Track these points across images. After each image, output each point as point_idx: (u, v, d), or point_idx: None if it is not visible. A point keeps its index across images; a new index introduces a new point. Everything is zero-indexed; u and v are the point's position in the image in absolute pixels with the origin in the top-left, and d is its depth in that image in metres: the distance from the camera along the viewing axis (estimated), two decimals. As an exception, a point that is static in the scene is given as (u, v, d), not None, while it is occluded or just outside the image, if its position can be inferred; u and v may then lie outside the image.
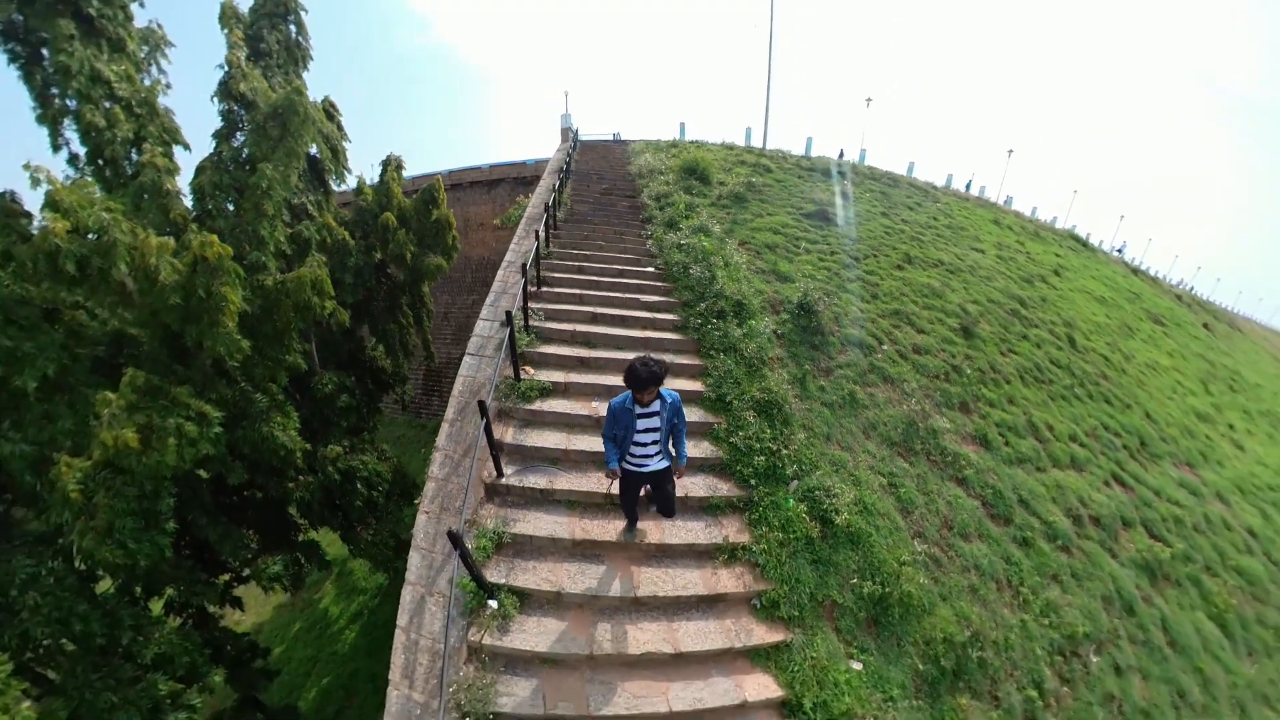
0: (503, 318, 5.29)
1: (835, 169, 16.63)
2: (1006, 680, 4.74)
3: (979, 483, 6.30)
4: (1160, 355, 14.24)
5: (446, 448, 5.11)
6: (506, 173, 25.87)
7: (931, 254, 12.19)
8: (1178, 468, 9.20)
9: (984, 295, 11.04)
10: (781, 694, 3.98)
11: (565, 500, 4.91)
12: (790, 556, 4.62)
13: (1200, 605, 6.85)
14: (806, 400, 6.26)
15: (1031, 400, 8.32)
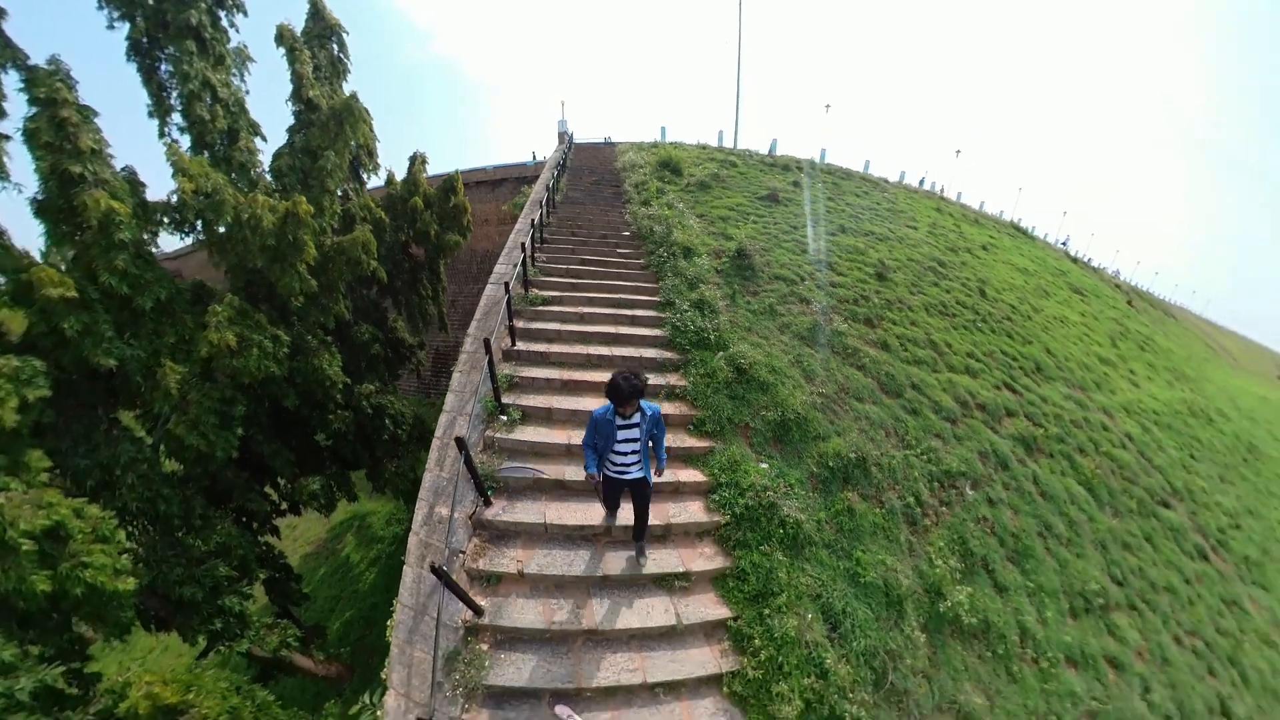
0: (517, 260, 7.21)
1: (794, 165, 18.18)
2: (889, 490, 6.04)
3: (875, 369, 7.65)
4: (1071, 314, 15.53)
5: (475, 333, 6.83)
6: (509, 173, 26.51)
7: (865, 227, 13.68)
8: (1070, 388, 10.46)
9: (905, 256, 12.43)
10: (707, 480, 5.41)
11: (557, 362, 6.65)
12: (714, 392, 6.11)
13: (1070, 474, 8.12)
14: (734, 308, 7.85)
15: (934, 325, 9.69)
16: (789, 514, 5.05)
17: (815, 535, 5.14)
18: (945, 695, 4.79)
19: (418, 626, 4.02)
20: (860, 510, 5.55)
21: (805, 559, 4.98)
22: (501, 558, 4.58)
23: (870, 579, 5.03)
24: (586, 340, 7.03)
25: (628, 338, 7.16)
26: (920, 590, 5.25)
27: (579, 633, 4.23)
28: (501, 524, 4.81)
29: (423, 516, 4.79)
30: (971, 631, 5.29)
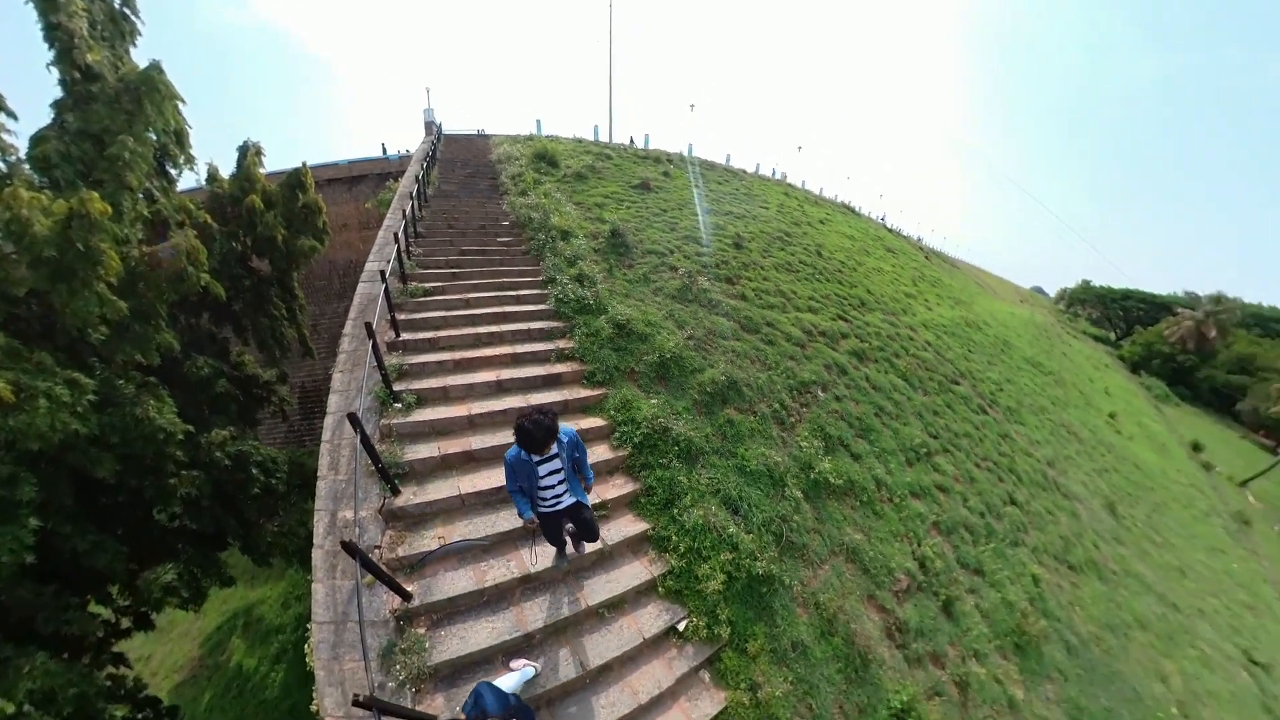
0: (390, 255, 6.90)
1: (664, 158, 19.51)
2: (760, 403, 7.07)
3: (736, 315, 8.80)
4: (885, 266, 19.09)
5: (352, 330, 6.42)
6: (368, 169, 23.42)
7: (725, 208, 15.53)
8: (885, 315, 12.99)
9: (758, 229, 14.37)
10: (606, 423, 5.86)
11: (447, 346, 6.60)
12: (599, 348, 6.61)
13: (892, 371, 10.21)
14: (611, 279, 8.46)
15: (782, 279, 11.39)
16: (680, 433, 5.76)
17: (705, 445, 5.93)
18: (834, 540, 5.99)
19: (341, 638, 3.77)
20: (738, 420, 6.49)
21: (701, 466, 5.72)
22: (421, 540, 4.53)
23: (755, 468, 5.97)
24: (474, 322, 7.08)
25: (515, 315, 7.35)
26: (796, 468, 6.35)
27: (515, 583, 4.41)
28: (415, 508, 4.76)
29: (325, 527, 4.50)
30: (841, 490, 6.59)
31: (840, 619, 5.17)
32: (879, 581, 5.95)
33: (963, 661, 5.96)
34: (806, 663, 4.85)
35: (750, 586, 4.95)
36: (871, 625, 5.47)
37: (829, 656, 4.98)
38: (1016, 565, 7.71)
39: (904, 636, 5.67)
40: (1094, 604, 8.31)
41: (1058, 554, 8.82)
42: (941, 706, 5.43)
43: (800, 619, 5.08)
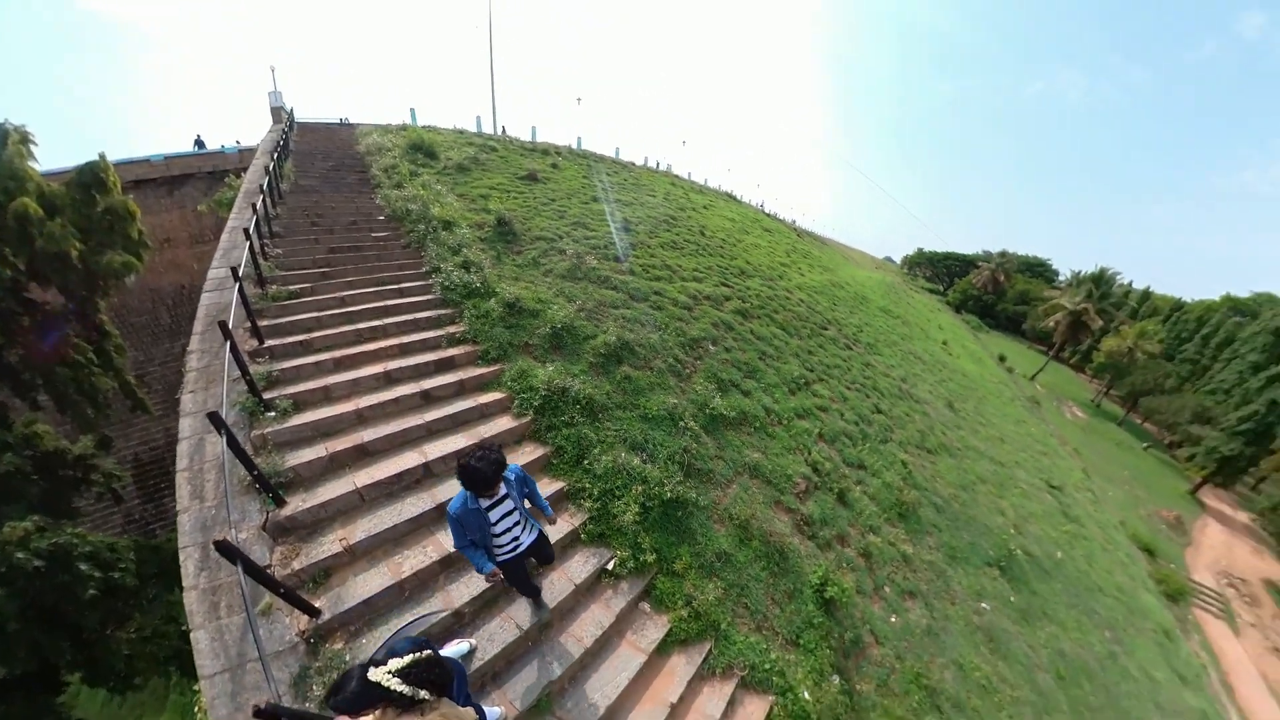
0: (240, 259, 5.88)
1: (553, 150, 19.04)
2: (655, 359, 7.27)
3: (625, 288, 8.98)
4: (762, 242, 20.74)
5: (199, 345, 5.46)
6: (195, 165, 17.82)
7: (614, 196, 15.61)
8: (764, 281, 14.08)
9: (645, 214, 14.82)
10: (505, 395, 5.64)
11: (323, 347, 5.83)
12: (490, 327, 6.38)
13: (772, 324, 11.07)
14: (500, 265, 8.17)
15: (668, 255, 11.85)
16: (580, 391, 5.76)
17: (607, 401, 6.00)
18: (736, 462, 6.38)
19: (240, 683, 3.11)
20: (636, 376, 6.64)
21: (605, 419, 5.78)
22: (319, 547, 4.00)
23: (656, 413, 6.17)
24: (353, 319, 6.38)
25: (398, 307, 6.76)
26: (694, 409, 6.67)
27: (435, 567, 4.09)
28: (307, 515, 4.20)
29: (196, 564, 3.74)
30: (735, 421, 7.05)
31: (754, 525, 5.52)
32: (781, 489, 6.45)
33: (862, 536, 6.74)
34: (733, 568, 5.11)
35: (666, 513, 5.10)
36: (782, 525, 5.92)
37: (751, 558, 5.30)
38: (889, 456, 8.88)
39: (811, 528, 6.24)
40: (948, 473, 9.95)
41: (917, 443, 10.32)
42: (854, 575, 6.11)
43: (719, 533, 5.34)
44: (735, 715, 4.39)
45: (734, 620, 4.81)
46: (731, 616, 4.80)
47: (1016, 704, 6.39)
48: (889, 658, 5.64)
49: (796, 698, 4.52)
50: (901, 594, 6.52)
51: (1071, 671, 7.63)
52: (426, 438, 5.11)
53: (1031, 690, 6.79)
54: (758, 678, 4.57)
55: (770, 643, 4.84)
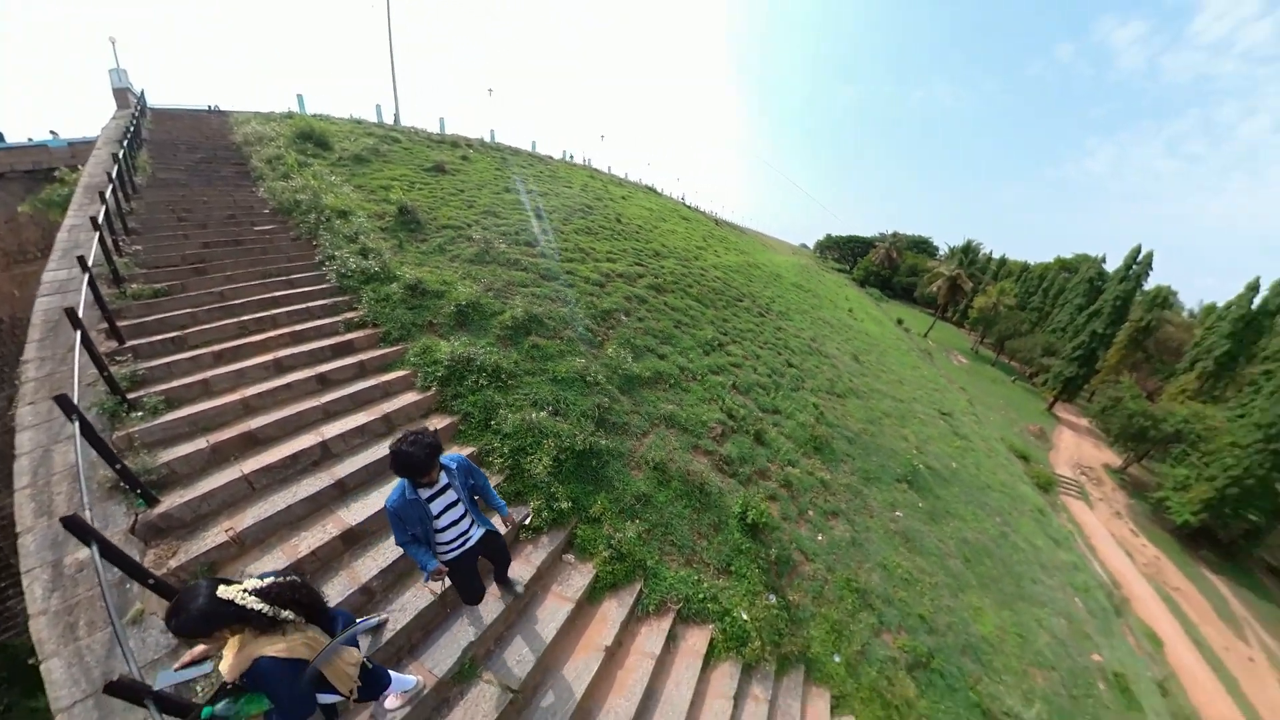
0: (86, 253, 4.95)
1: (463, 142, 18.10)
2: (565, 330, 7.20)
3: (536, 269, 8.86)
4: (679, 229, 21.20)
5: (36, 353, 4.63)
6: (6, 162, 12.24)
7: (529, 187, 15.14)
8: (679, 261, 14.45)
9: (560, 204, 14.62)
10: (408, 372, 5.37)
11: (200, 342, 5.15)
12: (391, 309, 6.04)
13: (688, 298, 11.34)
14: (402, 253, 7.71)
15: (582, 240, 11.80)
16: (486, 361, 5.60)
17: (515, 369, 5.89)
18: (652, 414, 6.53)
19: (105, 708, 2.61)
20: (544, 345, 6.57)
21: (513, 385, 5.67)
22: (202, 542, 3.56)
23: (566, 375, 6.14)
24: (235, 313, 5.73)
25: (288, 298, 6.17)
26: (608, 371, 6.73)
27: (337, 541, 3.80)
28: (186, 510, 3.73)
29: (45, 585, 3.15)
30: (651, 381, 7.24)
31: (673, 467, 5.66)
32: (698, 434, 6.67)
33: (782, 469, 7.15)
34: (654, 508, 5.19)
35: (580, 463, 5.10)
36: (701, 465, 6.12)
37: (672, 497, 5.42)
38: (801, 401, 9.50)
39: (731, 466, 6.51)
40: (857, 412, 10.85)
41: (827, 390, 11.14)
42: (779, 504, 6.46)
43: (637, 478, 5.42)
44: (678, 648, 4.50)
45: (662, 558, 4.90)
46: (659, 554, 4.89)
47: (935, 588, 7.20)
48: (820, 571, 6.04)
49: (734, 620, 4.71)
50: (824, 515, 7.01)
51: (974, 553, 8.71)
52: (324, 420, 4.74)
53: (945, 574, 7.68)
54: (694, 609, 4.71)
55: (702, 574, 5.00)
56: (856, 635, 5.64)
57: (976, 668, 6.53)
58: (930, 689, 5.90)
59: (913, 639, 6.13)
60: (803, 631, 5.24)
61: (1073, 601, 9.90)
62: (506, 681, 3.41)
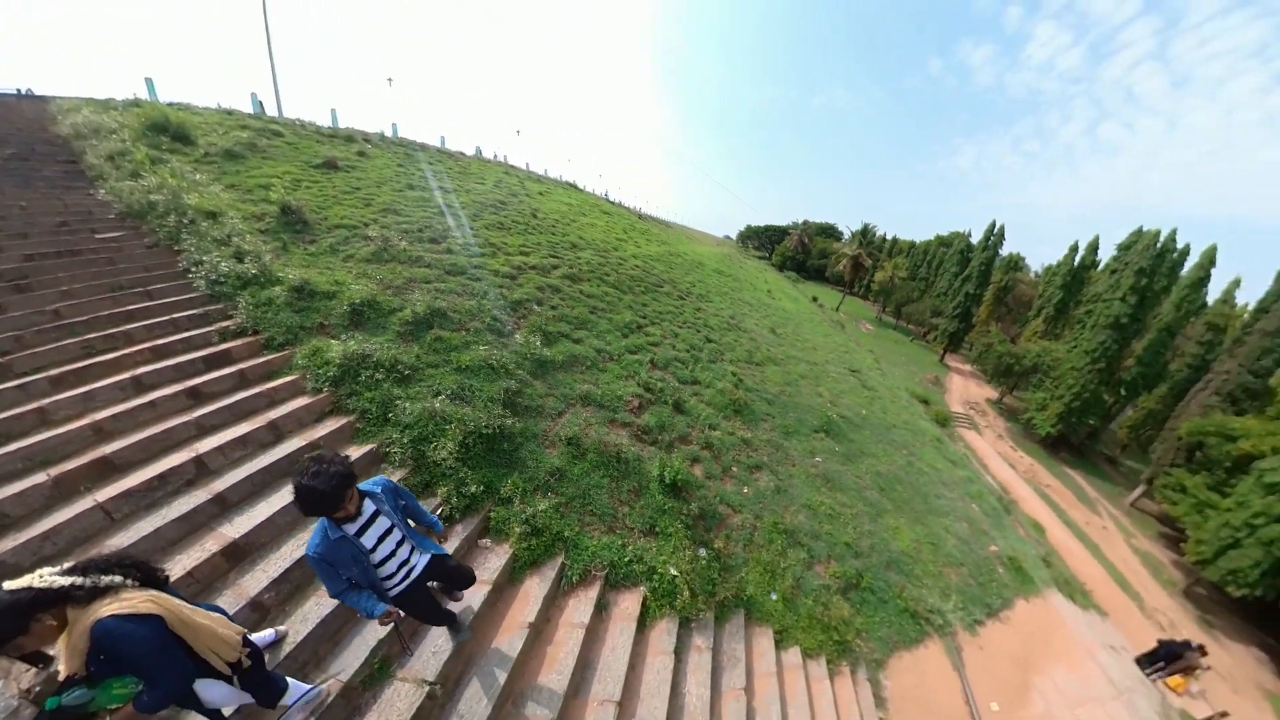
0: None
1: (360, 136, 16.54)
2: (471, 322, 6.99)
3: (441, 265, 8.45)
4: (599, 222, 21.14)
5: None
6: None
7: (436, 184, 14.26)
8: (596, 252, 14.41)
9: (471, 200, 14.00)
10: (296, 377, 4.98)
11: (32, 368, 4.35)
12: (275, 313, 5.54)
13: (605, 285, 11.40)
14: (287, 255, 7.04)
15: (493, 235, 11.43)
16: (383, 357, 5.32)
17: (416, 362, 5.64)
18: (567, 396, 6.53)
19: None
20: (448, 337, 6.34)
21: (414, 379, 5.44)
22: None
23: (471, 364, 5.99)
24: (76, 332, 4.93)
25: (146, 310, 5.41)
26: (519, 358, 6.64)
27: (218, 559, 3.44)
28: (22, 552, 3.19)
29: None
30: (566, 364, 7.24)
31: (589, 441, 5.72)
32: (615, 409, 6.80)
33: (703, 433, 7.47)
34: (570, 481, 5.22)
35: (490, 446, 5.03)
36: (619, 436, 6.24)
37: (589, 469, 5.47)
38: (720, 371, 9.98)
39: (651, 434, 6.70)
40: (775, 377, 11.61)
41: (746, 360, 11.80)
42: (702, 465, 6.74)
43: (551, 455, 5.43)
44: (610, 614, 4.55)
45: (583, 529, 4.95)
46: (579, 525, 4.93)
47: (856, 517, 7.91)
48: (748, 520, 6.39)
49: (664, 577, 4.84)
50: (748, 469, 7.40)
51: (887, 483, 9.71)
52: (198, 435, 4.25)
53: (864, 504, 8.46)
54: (621, 573, 4.78)
55: (626, 538, 5.10)
56: (789, 572, 6.06)
57: (900, 578, 7.29)
58: (864, 605, 6.52)
59: (842, 565, 6.69)
60: (737, 577, 5.54)
61: (970, 508, 11.28)
62: (423, 677, 3.27)
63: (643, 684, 4.13)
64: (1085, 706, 7.34)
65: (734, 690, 4.55)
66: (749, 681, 4.77)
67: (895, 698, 5.85)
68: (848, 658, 5.79)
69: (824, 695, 5.24)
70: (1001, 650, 7.40)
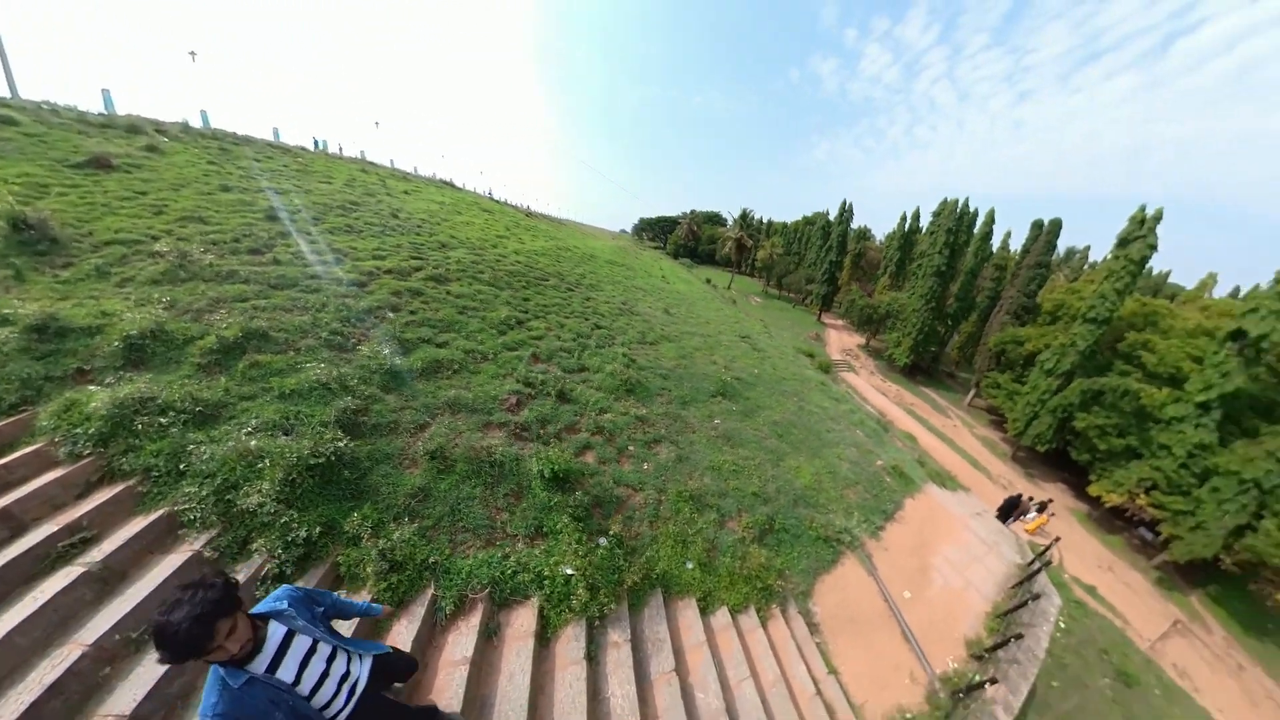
0: None
1: (152, 127, 13.01)
2: (301, 340, 5.85)
3: (262, 279, 6.99)
4: (478, 221, 19.50)
5: None
6: None
7: (262, 184, 11.91)
8: (469, 250, 13.19)
9: (310, 201, 11.83)
10: (41, 445, 3.62)
11: None
12: (4, 365, 4.08)
13: (477, 283, 10.42)
14: (24, 285, 5.23)
15: (339, 239, 9.85)
16: (176, 397, 4.18)
17: (224, 396, 4.56)
18: (431, 405, 5.72)
19: None
20: (269, 362, 5.22)
21: (220, 419, 4.37)
22: None
23: (299, 387, 5.00)
24: None
25: None
26: (364, 373, 5.68)
27: None
28: None
29: None
30: (428, 371, 6.40)
31: (457, 450, 4.98)
32: (489, 410, 6.12)
33: (594, 419, 7.06)
34: (436, 499, 4.49)
35: (326, 480, 4.14)
36: (496, 439, 5.59)
37: (458, 480, 4.78)
38: (611, 355, 9.63)
39: (533, 430, 6.10)
40: (670, 353, 11.68)
41: (639, 340, 11.68)
42: (595, 450, 6.32)
43: (413, 474, 4.64)
44: (503, 637, 3.96)
45: (455, 549, 4.26)
46: (450, 546, 4.22)
47: (760, 466, 8.10)
48: (651, 495, 6.09)
49: (556, 579, 4.32)
50: (646, 445, 7.14)
51: (784, 429, 10.15)
52: None
53: (766, 453, 8.73)
54: (507, 589, 4.21)
55: (508, 548, 4.51)
56: (702, 535, 5.94)
57: (808, 511, 7.60)
58: (780, 546, 6.65)
59: (753, 515, 6.75)
60: (645, 556, 5.24)
61: (856, 434, 12.39)
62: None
63: (555, 705, 3.70)
64: (970, 568, 8.50)
65: (664, 675, 4.27)
66: (679, 660, 4.53)
67: (826, 619, 6.11)
68: (775, 600, 5.88)
69: (759, 644, 5.22)
70: (902, 545, 8.20)
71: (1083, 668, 10.16)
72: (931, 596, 7.27)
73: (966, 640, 6.66)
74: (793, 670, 5.20)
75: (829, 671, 5.43)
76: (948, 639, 6.60)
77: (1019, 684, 6.23)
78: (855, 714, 5.09)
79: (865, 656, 5.85)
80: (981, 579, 8.30)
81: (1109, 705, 9.44)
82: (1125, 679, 10.40)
